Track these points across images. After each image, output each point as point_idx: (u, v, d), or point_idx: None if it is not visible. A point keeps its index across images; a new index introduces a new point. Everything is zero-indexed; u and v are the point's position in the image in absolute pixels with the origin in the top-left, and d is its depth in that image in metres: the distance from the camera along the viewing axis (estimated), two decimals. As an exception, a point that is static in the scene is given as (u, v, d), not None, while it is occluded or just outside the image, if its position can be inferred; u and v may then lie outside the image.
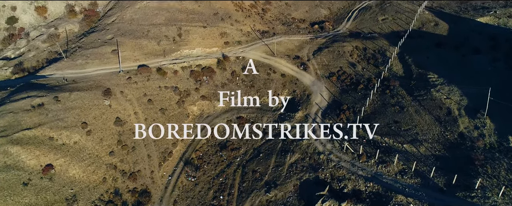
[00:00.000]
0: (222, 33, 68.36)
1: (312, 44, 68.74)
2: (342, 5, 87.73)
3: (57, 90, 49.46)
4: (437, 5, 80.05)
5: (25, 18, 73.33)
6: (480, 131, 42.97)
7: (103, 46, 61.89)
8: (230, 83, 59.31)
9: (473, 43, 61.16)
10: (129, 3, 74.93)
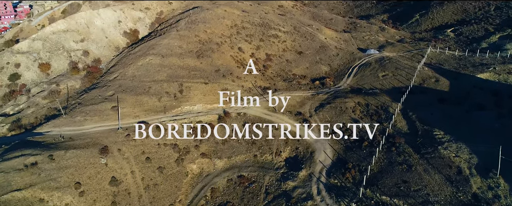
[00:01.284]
0: (224, 89, 68.31)
1: (314, 100, 68.32)
2: (342, 61, 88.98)
3: (52, 148, 47.85)
4: (435, 61, 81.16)
5: (28, 74, 73.93)
6: (495, 191, 40.74)
7: (103, 102, 61.38)
8: (231, 140, 57.83)
9: (476, 99, 60.87)
10: (132, 60, 76.01)
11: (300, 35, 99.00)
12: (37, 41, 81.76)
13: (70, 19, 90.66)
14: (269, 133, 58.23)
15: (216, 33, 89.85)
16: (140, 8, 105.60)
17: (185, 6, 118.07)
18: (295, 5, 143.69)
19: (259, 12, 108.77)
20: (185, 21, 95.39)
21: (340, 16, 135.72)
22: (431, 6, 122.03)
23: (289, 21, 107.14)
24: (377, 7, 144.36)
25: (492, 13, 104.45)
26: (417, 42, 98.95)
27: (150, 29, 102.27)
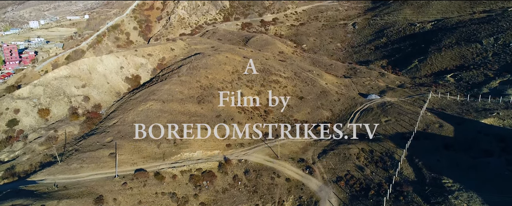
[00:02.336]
0: (224, 135, 67.10)
1: (317, 146, 66.83)
2: (344, 106, 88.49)
3: (45, 198, 45.78)
4: (438, 106, 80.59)
5: (26, 120, 73.14)
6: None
7: (101, 149, 59.94)
8: (232, 188, 55.65)
9: (482, 145, 59.45)
10: (132, 106, 75.55)
11: (301, 81, 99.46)
12: (39, 87, 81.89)
13: (73, 65, 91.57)
14: (271, 181, 56.20)
15: (218, 79, 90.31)
16: (142, 55, 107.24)
17: (187, 52, 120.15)
18: (295, 51, 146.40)
19: (260, 58, 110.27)
20: (187, 67, 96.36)
21: (339, 62, 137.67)
22: (429, 52, 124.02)
23: (290, 66, 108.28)
24: (376, 53, 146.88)
25: (490, 59, 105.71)
26: (417, 87, 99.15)
27: (152, 75, 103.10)
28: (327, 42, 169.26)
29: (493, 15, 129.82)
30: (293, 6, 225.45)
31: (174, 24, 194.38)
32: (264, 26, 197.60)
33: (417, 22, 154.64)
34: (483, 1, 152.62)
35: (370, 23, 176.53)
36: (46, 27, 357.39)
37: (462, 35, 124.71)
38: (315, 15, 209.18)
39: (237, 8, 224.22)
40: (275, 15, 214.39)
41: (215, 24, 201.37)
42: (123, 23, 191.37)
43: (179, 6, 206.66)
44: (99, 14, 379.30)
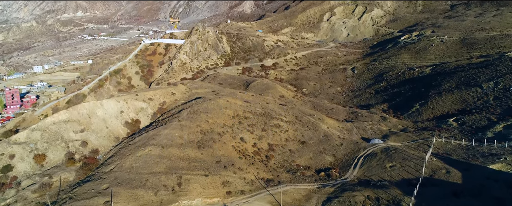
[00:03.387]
0: (225, 182, 64.86)
1: (320, 194, 64.30)
2: (347, 151, 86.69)
3: (33, 251, 42.94)
4: (443, 151, 78.84)
5: (21, 166, 71.14)
6: None
7: (96, 197, 57.50)
8: (232, 240, 52.61)
9: (493, 192, 57.09)
10: (130, 151, 73.89)
11: (302, 125, 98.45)
12: (36, 132, 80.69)
13: (73, 110, 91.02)
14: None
15: (218, 123, 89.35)
16: (143, 99, 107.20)
17: (188, 96, 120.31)
18: (296, 95, 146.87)
19: (261, 102, 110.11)
20: (187, 111, 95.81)
21: (340, 106, 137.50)
22: (429, 97, 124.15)
23: (291, 110, 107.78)
24: (376, 97, 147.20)
25: (491, 103, 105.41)
26: (420, 131, 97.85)
27: (152, 119, 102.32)
28: (327, 86, 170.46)
29: (490, 60, 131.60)
30: (292, 51, 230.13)
31: (176, 69, 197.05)
32: (265, 70, 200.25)
33: (415, 66, 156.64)
34: (479, 47, 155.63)
35: (369, 68, 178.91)
36: (50, 72, 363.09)
37: (461, 79, 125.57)
38: (315, 60, 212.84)
39: (238, 53, 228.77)
40: (275, 60, 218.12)
41: (216, 69, 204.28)
42: (125, 67, 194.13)
43: (181, 52, 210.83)
44: (102, 59, 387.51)
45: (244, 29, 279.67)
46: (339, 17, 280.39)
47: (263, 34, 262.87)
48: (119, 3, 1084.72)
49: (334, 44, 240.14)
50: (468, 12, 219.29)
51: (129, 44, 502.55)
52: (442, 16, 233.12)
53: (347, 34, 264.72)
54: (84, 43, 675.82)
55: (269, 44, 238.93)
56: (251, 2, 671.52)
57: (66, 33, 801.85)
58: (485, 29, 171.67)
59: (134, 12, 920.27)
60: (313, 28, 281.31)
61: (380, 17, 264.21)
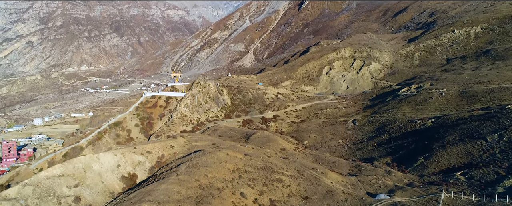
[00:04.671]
0: (223, 242, 60.72)
1: (326, 255, 59.82)
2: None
3: None
4: (453, 208, 75.02)
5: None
6: None
7: None
8: None
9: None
10: (125, 208, 70.35)
11: (305, 179, 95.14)
12: (28, 187, 77.53)
13: (68, 164, 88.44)
14: None
15: (218, 178, 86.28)
16: (141, 152, 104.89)
17: (187, 149, 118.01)
18: (297, 148, 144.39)
19: (262, 156, 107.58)
20: (186, 164, 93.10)
21: (343, 159, 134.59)
22: (433, 149, 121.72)
23: (292, 164, 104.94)
24: (379, 150, 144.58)
25: (498, 156, 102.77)
26: (427, 186, 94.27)
27: (149, 173, 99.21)
28: (329, 139, 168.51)
29: (492, 113, 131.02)
30: (293, 104, 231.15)
31: (176, 121, 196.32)
32: (265, 123, 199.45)
33: (417, 119, 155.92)
34: (479, 99, 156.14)
35: (370, 120, 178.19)
36: (50, 124, 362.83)
37: (464, 132, 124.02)
38: (315, 112, 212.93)
39: (239, 105, 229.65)
40: (275, 112, 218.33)
41: (216, 121, 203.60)
42: (125, 120, 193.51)
43: (182, 104, 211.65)
44: (103, 111, 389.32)
45: (244, 82, 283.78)
46: (338, 70, 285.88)
47: (263, 87, 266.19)
48: (123, 57, 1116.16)
49: (334, 97, 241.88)
50: (464, 65, 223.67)
51: (131, 97, 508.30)
52: (439, 69, 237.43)
53: (347, 87, 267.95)
54: (86, 95, 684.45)
55: (270, 96, 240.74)
56: (252, 56, 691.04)
57: (69, 86, 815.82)
58: (483, 82, 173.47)
59: (137, 66, 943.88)
60: (313, 81, 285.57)
61: (378, 70, 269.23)
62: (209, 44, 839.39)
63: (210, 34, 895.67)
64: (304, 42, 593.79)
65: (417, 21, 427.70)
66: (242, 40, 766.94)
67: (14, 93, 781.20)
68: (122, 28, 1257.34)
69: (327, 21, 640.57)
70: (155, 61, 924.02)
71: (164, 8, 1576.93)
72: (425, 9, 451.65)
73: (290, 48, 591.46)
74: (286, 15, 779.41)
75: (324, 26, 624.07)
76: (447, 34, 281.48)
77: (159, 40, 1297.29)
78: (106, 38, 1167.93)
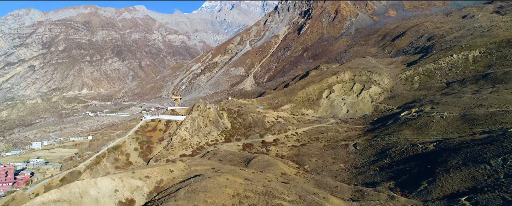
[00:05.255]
0: None
1: None
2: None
3: None
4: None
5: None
6: None
7: None
8: None
9: None
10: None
11: (307, 205, 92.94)
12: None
13: (65, 189, 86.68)
14: None
15: (217, 203, 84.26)
16: (139, 177, 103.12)
17: (186, 174, 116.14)
18: (298, 172, 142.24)
19: (262, 180, 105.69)
20: (185, 190, 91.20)
21: (344, 184, 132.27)
22: (437, 174, 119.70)
23: (294, 189, 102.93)
24: (381, 174, 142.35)
25: (503, 181, 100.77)
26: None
27: (147, 199, 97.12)
28: (330, 163, 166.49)
29: (494, 136, 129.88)
30: (293, 127, 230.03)
31: (175, 145, 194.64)
32: (265, 147, 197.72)
33: (418, 142, 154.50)
34: (480, 123, 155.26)
35: (372, 144, 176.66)
36: (48, 148, 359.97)
37: (467, 155, 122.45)
38: (316, 136, 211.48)
39: (239, 129, 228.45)
40: (276, 136, 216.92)
41: (216, 145, 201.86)
42: (124, 144, 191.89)
43: (182, 128, 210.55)
44: (102, 135, 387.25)
45: (245, 105, 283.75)
46: (338, 94, 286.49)
47: (263, 110, 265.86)
48: (124, 81, 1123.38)
49: (334, 120, 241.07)
50: (464, 89, 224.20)
51: (131, 120, 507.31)
52: (439, 93, 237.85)
53: (347, 110, 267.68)
54: (86, 119, 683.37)
55: (270, 120, 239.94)
56: (252, 80, 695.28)
57: (69, 110, 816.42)
58: (484, 106, 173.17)
59: (137, 90, 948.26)
60: (313, 104, 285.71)
61: (378, 94, 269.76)
62: (209, 68, 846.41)
63: (210, 58, 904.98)
64: (303, 66, 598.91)
65: (415, 46, 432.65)
66: (242, 64, 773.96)
67: (14, 117, 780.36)
68: (123, 52, 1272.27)
69: (326, 45, 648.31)
70: (155, 85, 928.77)
71: (165, 33, 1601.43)
72: (423, 33, 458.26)
73: (290, 72, 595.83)
74: (286, 39, 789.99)
75: (324, 50, 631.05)
76: (446, 58, 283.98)
77: (160, 64, 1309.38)
78: (107, 62, 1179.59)
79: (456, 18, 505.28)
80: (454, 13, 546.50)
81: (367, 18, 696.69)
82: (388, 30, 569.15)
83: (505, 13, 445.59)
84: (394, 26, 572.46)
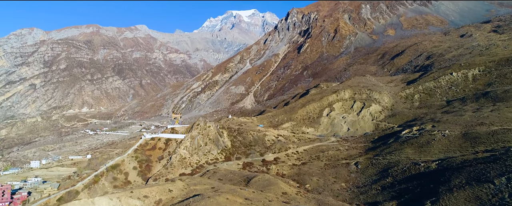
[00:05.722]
0: None
1: None
2: None
3: None
4: None
5: None
6: None
7: None
8: None
9: None
10: None
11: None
12: (18, 234, 73.68)
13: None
14: None
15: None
16: (138, 196, 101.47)
17: (185, 194, 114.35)
18: (299, 192, 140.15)
19: (263, 200, 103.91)
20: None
21: (346, 203, 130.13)
22: (440, 193, 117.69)
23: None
24: (383, 193, 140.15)
25: (508, 200, 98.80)
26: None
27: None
28: (331, 182, 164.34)
29: (497, 155, 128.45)
30: (294, 146, 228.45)
31: (175, 164, 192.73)
32: (266, 165, 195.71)
33: (420, 161, 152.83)
34: (482, 141, 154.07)
35: (373, 163, 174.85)
36: (47, 167, 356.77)
37: (470, 174, 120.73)
38: (317, 154, 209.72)
39: (239, 147, 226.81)
40: (276, 154, 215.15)
41: (216, 164, 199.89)
42: (123, 163, 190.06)
43: (181, 146, 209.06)
44: (101, 154, 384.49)
45: (245, 124, 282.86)
46: (338, 112, 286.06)
47: (264, 129, 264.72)
48: (124, 99, 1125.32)
49: (335, 139, 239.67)
50: (465, 107, 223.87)
51: (130, 139, 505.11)
52: (439, 111, 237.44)
53: (348, 128, 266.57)
54: (86, 137, 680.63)
55: (270, 138, 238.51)
56: (252, 98, 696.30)
57: (69, 128, 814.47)
58: (485, 124, 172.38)
59: (138, 108, 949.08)
60: (313, 123, 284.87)
61: (378, 112, 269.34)
62: (210, 87, 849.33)
63: (211, 76, 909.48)
64: (303, 84, 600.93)
65: (415, 64, 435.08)
66: (242, 83, 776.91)
67: (13, 135, 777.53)
68: (124, 71, 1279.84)
69: (326, 64, 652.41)
70: (156, 103, 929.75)
71: (166, 52, 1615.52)
72: (422, 52, 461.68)
73: (290, 90, 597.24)
74: (286, 58, 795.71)
75: (323, 69, 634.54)
76: (445, 76, 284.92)
77: (160, 83, 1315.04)
78: (108, 81, 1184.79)
79: (454, 37, 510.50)
80: (452, 32, 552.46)
81: (366, 37, 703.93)
82: (387, 49, 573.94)
83: (503, 32, 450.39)
84: (393, 45, 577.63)
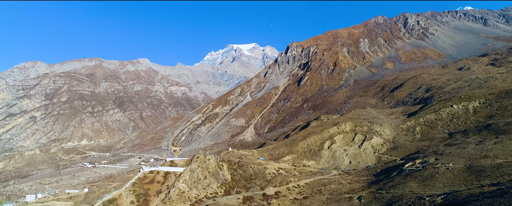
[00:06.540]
0: None
1: None
2: None
3: None
4: None
5: None
6: None
7: None
8: None
9: None
10: None
11: None
12: None
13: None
14: None
15: None
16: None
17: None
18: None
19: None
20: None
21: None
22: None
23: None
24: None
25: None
26: None
27: None
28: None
29: (503, 188, 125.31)
30: (295, 179, 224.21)
31: (173, 198, 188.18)
32: (267, 200, 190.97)
33: (425, 195, 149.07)
34: (487, 174, 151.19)
35: (376, 197, 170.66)
36: (42, 201, 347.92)
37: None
38: (318, 188, 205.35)
39: (239, 181, 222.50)
40: (277, 188, 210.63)
41: (215, 198, 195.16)
42: (120, 197, 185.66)
43: (180, 180, 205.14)
44: (99, 187, 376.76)
45: (245, 156, 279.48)
46: (339, 144, 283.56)
47: (264, 161, 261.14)
48: (124, 132, 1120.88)
49: (337, 172, 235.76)
50: (467, 139, 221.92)
51: (129, 172, 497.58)
52: (442, 143, 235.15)
53: (349, 161, 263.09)
54: (84, 170, 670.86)
55: (271, 172, 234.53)
56: (252, 130, 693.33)
57: (67, 161, 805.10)
58: (489, 157, 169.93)
59: (137, 141, 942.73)
60: (315, 155, 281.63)
61: (380, 144, 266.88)
62: (210, 119, 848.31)
63: (211, 109, 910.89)
64: (304, 116, 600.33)
65: (414, 97, 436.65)
66: (243, 115, 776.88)
67: (10, 168, 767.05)
68: (125, 103, 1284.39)
69: (326, 96, 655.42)
70: (155, 136, 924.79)
71: (167, 85, 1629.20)
72: (421, 85, 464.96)
73: (291, 123, 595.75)
74: (286, 91, 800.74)
75: (323, 101, 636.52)
76: (446, 108, 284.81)
77: (161, 115, 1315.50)
78: (108, 113, 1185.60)
79: (452, 70, 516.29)
80: (450, 65, 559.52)
81: (365, 70, 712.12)
82: (386, 81, 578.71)
83: (500, 65, 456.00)
84: (392, 78, 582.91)
